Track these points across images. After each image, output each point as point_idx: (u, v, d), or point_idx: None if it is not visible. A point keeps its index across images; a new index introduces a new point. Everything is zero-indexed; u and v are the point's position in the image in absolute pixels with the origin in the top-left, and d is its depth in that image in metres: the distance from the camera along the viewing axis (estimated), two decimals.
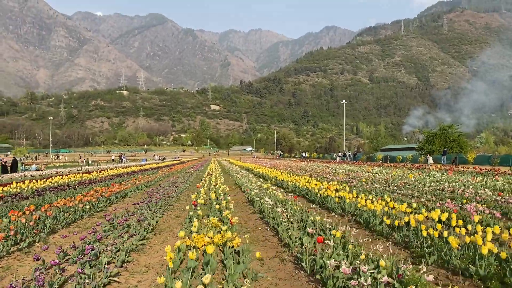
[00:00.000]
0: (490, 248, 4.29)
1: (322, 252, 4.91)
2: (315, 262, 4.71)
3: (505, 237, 4.91)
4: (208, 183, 14.63)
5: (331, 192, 9.31)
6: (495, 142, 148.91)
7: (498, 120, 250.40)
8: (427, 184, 13.08)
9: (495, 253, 4.36)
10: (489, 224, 6.54)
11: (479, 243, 4.47)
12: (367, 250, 4.99)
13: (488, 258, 4.39)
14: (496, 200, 8.96)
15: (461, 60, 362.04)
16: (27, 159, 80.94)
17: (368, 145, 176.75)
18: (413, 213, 7.05)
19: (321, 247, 5.31)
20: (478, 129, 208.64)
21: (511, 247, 4.92)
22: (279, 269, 5.07)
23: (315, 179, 14.50)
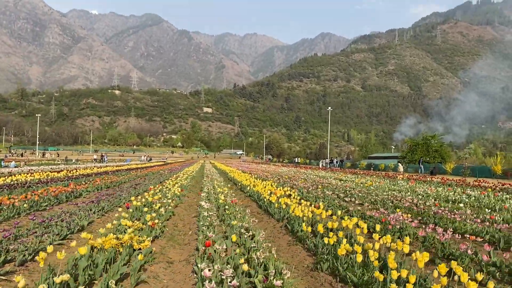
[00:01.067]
0: (372, 256, 4.39)
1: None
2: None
3: (393, 245, 5.01)
4: (166, 185, 14.61)
5: (274, 198, 9.41)
6: (483, 153, 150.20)
7: (488, 132, 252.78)
8: (384, 192, 13.23)
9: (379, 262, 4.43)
10: (396, 232, 6.63)
11: (361, 249, 4.55)
12: (283, 255, 5.09)
13: (370, 265, 4.49)
14: (425, 209, 9.15)
15: (453, 71, 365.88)
16: (12, 156, 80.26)
17: (357, 152, 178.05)
18: (336, 220, 7.15)
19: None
20: (469, 140, 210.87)
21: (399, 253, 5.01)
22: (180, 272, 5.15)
23: (275, 184, 14.61)
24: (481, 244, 5.99)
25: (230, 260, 4.73)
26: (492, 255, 5.15)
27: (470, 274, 4.14)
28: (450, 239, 5.90)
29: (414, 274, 3.88)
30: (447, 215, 8.22)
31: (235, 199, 10.02)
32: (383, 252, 5.20)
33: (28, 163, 34.96)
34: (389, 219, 7.08)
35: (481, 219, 8.19)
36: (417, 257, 4.17)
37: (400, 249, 4.84)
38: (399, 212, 7.91)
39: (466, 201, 11.31)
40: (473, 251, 5.33)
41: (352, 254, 4.82)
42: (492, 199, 11.50)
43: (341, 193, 12.87)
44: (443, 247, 5.74)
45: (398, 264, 4.28)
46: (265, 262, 4.63)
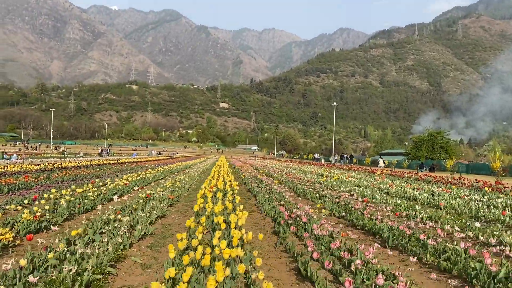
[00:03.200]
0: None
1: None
2: None
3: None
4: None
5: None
6: (503, 150, 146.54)
7: (510, 129, 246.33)
8: (341, 187, 12.87)
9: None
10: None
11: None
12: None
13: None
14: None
15: (474, 66, 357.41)
16: (27, 149, 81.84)
17: (373, 148, 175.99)
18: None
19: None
20: (490, 137, 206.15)
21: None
22: None
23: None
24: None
25: None
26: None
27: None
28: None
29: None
30: (367, 210, 8.02)
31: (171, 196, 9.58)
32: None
33: (32, 156, 35.27)
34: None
35: (405, 215, 8.19)
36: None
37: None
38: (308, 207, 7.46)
39: (419, 197, 10.83)
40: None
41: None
42: (446, 196, 10.87)
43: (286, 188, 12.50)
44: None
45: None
46: None
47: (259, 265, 3.98)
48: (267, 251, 5.57)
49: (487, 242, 5.89)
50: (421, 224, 7.04)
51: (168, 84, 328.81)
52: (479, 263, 4.25)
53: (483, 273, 4.04)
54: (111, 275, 4.25)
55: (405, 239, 5.48)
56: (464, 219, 7.89)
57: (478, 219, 8.08)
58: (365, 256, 4.60)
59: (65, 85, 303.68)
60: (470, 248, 4.54)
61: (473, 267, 4.21)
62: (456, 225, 6.95)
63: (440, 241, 5.25)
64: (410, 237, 5.49)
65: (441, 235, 5.46)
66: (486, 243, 5.93)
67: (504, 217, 7.65)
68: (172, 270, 3.44)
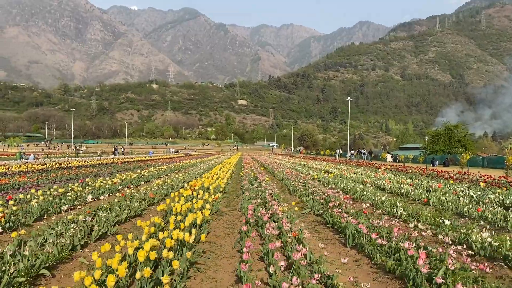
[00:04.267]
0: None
1: None
2: None
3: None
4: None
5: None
6: None
7: None
8: (344, 183, 12.69)
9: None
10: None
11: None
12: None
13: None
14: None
15: (499, 57, 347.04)
16: (49, 149, 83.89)
17: (394, 143, 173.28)
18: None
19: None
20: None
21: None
22: None
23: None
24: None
25: None
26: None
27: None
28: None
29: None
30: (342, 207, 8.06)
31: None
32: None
33: (49, 156, 36.08)
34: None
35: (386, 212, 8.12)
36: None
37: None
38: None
39: (412, 194, 10.56)
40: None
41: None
42: (438, 192, 10.56)
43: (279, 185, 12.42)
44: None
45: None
46: None
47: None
48: (225, 251, 5.51)
49: (456, 240, 5.72)
50: (395, 221, 6.87)
51: (187, 82, 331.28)
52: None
53: (419, 275, 3.94)
54: (46, 277, 4.21)
55: (361, 238, 5.33)
56: (447, 215, 7.65)
57: (463, 215, 7.83)
58: (314, 256, 4.54)
59: (87, 85, 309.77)
60: (412, 249, 4.45)
61: (411, 268, 4.11)
62: (431, 222, 6.74)
63: (396, 240, 5.09)
64: (365, 236, 5.34)
65: (396, 234, 5.28)
66: (454, 241, 5.75)
67: (486, 214, 7.38)
68: (98, 272, 3.53)
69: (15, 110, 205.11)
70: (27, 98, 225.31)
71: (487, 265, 3.73)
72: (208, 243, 5.74)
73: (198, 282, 4.18)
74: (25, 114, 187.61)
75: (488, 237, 5.05)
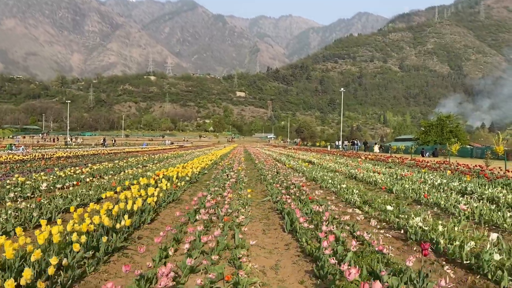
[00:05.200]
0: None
1: None
2: None
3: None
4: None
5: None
6: None
7: None
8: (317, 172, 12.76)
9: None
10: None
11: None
12: None
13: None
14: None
15: (498, 48, 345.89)
16: (44, 141, 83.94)
17: (391, 134, 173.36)
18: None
19: None
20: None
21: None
22: None
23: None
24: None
25: None
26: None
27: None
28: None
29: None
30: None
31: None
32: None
33: (40, 148, 36.09)
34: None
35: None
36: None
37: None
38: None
39: (380, 182, 10.57)
40: None
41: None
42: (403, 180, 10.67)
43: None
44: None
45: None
46: None
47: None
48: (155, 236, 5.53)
49: (395, 225, 5.77)
50: (349, 208, 6.91)
51: (185, 74, 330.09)
52: (341, 247, 4.26)
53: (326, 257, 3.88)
54: None
55: (297, 223, 5.35)
56: (406, 203, 7.73)
57: (420, 202, 7.89)
58: (241, 241, 4.55)
59: (84, 78, 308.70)
60: (329, 232, 4.47)
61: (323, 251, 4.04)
62: (382, 208, 6.78)
63: (325, 224, 5.11)
64: (298, 220, 5.36)
65: (325, 218, 5.33)
66: (393, 226, 5.81)
67: (439, 201, 7.41)
68: None
69: (12, 102, 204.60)
70: (24, 90, 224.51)
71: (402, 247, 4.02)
72: (149, 230, 5.77)
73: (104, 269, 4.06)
74: (22, 106, 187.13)
75: (419, 222, 5.08)
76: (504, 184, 10.03)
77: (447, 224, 5.27)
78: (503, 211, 6.20)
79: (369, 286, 2.47)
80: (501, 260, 3.74)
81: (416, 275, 3.36)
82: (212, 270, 3.64)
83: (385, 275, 3.33)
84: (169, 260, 4.14)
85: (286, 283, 3.75)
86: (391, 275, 3.44)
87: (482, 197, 8.05)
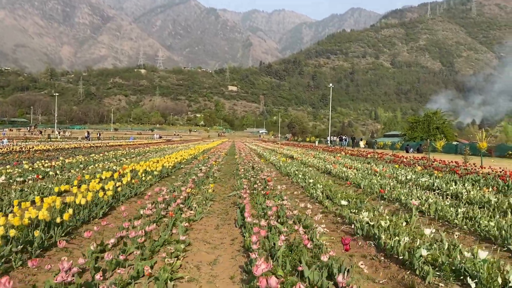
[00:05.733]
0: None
1: None
2: None
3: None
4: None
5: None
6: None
7: None
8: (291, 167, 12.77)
9: None
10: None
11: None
12: None
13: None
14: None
15: (489, 45, 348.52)
16: (31, 134, 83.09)
17: (381, 130, 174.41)
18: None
19: None
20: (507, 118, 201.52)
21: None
22: None
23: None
24: None
25: None
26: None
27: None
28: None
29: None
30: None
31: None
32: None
33: (25, 141, 35.72)
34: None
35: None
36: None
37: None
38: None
39: (351, 177, 10.61)
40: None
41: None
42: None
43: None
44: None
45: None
46: None
47: None
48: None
49: (347, 220, 5.78)
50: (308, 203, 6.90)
51: (176, 67, 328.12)
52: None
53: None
54: None
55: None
56: (367, 198, 7.73)
57: (383, 198, 7.91)
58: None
59: (74, 70, 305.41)
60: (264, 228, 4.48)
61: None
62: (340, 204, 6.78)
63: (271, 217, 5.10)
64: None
65: (271, 213, 5.32)
66: (346, 221, 5.81)
67: (400, 196, 7.43)
68: None
69: (0, 94, 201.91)
70: (12, 83, 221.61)
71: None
72: (99, 225, 5.69)
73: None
74: (10, 98, 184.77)
75: (365, 217, 5.07)
76: (474, 181, 10.10)
77: (397, 220, 5.28)
78: (460, 207, 6.22)
79: (268, 282, 2.51)
80: (432, 255, 3.81)
81: (338, 270, 3.36)
82: (139, 266, 3.59)
83: (306, 270, 3.33)
84: (103, 255, 3.97)
85: (217, 279, 3.73)
86: (315, 270, 3.40)
87: (447, 193, 8.11)
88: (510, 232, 4.59)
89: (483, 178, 10.05)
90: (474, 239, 4.90)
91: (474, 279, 3.22)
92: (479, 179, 10.10)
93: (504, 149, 27.06)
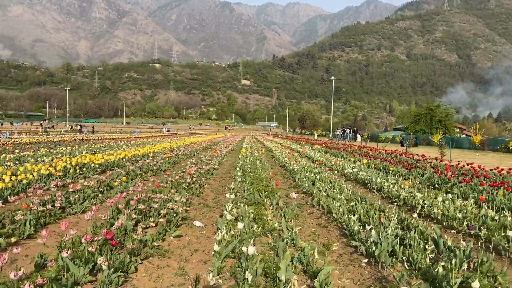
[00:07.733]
0: None
1: None
2: None
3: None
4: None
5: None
6: None
7: None
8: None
9: None
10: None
11: None
12: None
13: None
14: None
15: (508, 37, 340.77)
16: (42, 127, 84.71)
17: (394, 123, 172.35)
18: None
19: None
20: None
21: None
22: None
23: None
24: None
25: None
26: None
27: None
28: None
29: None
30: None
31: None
32: None
33: (28, 134, 36.79)
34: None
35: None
36: None
37: None
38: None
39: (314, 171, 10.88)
40: None
41: None
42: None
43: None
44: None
45: None
46: None
47: None
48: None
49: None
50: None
51: (190, 62, 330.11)
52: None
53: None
54: None
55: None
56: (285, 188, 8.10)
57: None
58: None
59: (90, 65, 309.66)
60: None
61: None
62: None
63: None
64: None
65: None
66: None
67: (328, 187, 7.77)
68: None
69: (18, 89, 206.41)
70: (30, 77, 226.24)
71: None
72: None
73: None
74: (27, 93, 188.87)
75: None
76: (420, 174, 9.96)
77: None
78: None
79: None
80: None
81: None
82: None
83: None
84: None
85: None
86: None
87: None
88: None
89: (424, 171, 10.06)
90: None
91: None
92: (421, 172, 10.05)
93: (498, 142, 26.78)
